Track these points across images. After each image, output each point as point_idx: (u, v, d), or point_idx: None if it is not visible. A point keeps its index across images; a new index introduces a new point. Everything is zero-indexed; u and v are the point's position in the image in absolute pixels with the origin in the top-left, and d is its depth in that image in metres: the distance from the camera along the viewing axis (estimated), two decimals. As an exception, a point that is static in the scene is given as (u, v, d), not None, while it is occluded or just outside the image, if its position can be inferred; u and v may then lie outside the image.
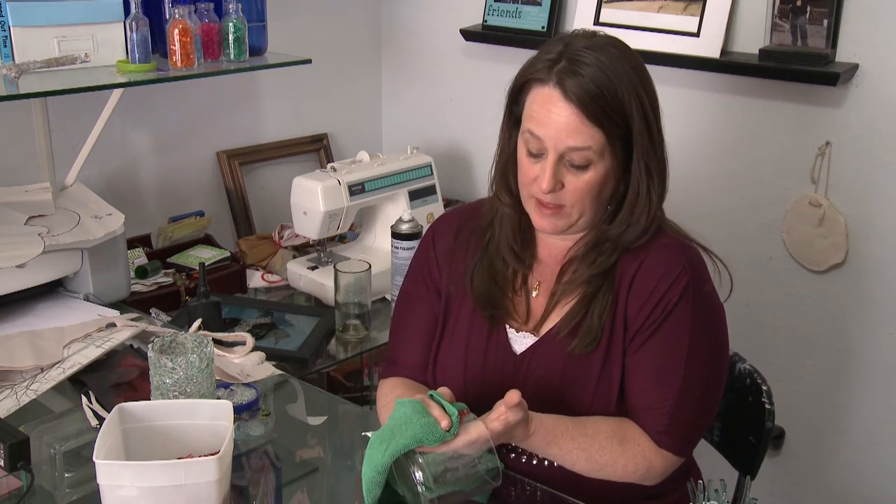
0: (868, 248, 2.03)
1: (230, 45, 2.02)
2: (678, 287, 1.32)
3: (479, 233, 1.46)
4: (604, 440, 1.31)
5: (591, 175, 1.30)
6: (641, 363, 1.34)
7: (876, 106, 1.96)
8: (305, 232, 2.23)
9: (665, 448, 1.33)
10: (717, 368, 1.39)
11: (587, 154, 1.28)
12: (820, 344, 2.16)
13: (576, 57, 1.27)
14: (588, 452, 1.30)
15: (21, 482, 1.30)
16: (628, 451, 1.32)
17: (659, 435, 1.33)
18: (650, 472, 1.33)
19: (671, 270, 1.33)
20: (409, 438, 1.18)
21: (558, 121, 1.27)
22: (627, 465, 1.32)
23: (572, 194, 1.31)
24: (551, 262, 1.42)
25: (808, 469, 2.25)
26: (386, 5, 2.81)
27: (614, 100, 1.26)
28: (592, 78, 1.25)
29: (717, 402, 1.39)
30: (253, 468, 1.41)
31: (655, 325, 1.33)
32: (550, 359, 1.37)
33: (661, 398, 1.33)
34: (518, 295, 1.43)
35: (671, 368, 1.33)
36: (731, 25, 2.11)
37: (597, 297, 1.35)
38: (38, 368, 1.57)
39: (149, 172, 2.42)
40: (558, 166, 1.29)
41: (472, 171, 2.74)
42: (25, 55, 1.82)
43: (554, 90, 1.27)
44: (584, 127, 1.26)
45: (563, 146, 1.27)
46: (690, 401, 1.33)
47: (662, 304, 1.33)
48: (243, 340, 1.71)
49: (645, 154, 1.30)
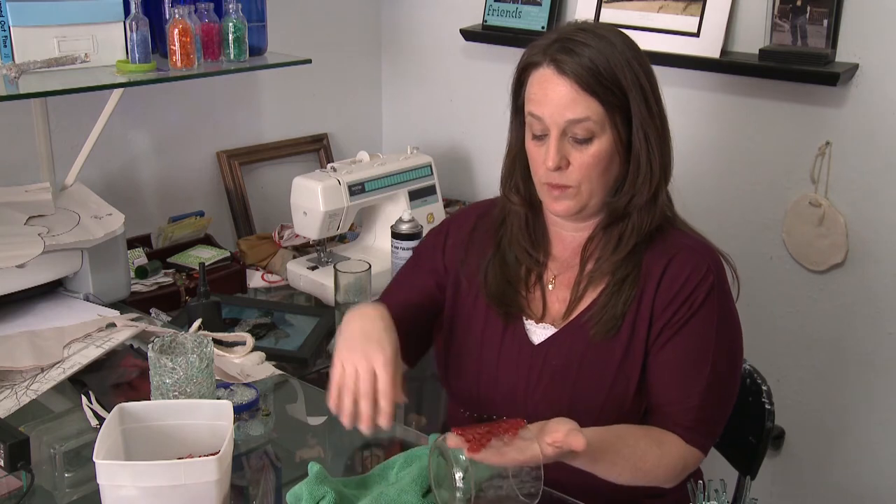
0: (868, 248, 2.03)
1: (230, 45, 2.02)
2: (705, 286, 1.35)
3: (493, 230, 1.48)
4: (644, 447, 1.31)
5: (595, 148, 1.31)
6: (667, 359, 1.35)
7: (876, 106, 1.96)
8: (305, 232, 2.23)
9: (693, 445, 1.34)
10: (736, 368, 1.41)
11: (588, 125, 1.29)
12: (820, 344, 2.16)
13: (568, 37, 1.31)
14: (632, 462, 1.29)
15: (21, 482, 1.30)
16: (666, 452, 1.32)
17: (686, 431, 1.34)
18: (685, 471, 1.34)
19: (698, 270, 1.36)
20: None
21: (555, 97, 1.30)
22: (668, 467, 1.32)
23: (579, 171, 1.32)
24: (566, 256, 1.44)
25: (808, 469, 2.25)
26: (386, 5, 2.81)
27: (608, 71, 1.29)
28: (585, 53, 1.29)
29: (734, 400, 1.41)
30: (253, 468, 1.41)
31: (682, 322, 1.35)
32: (570, 348, 1.38)
33: (688, 394, 1.34)
34: (532, 292, 1.44)
35: (697, 365, 1.34)
36: (731, 25, 2.11)
37: (623, 287, 1.36)
38: (38, 368, 1.57)
39: (149, 172, 2.42)
40: (562, 142, 1.31)
41: (472, 171, 2.74)
42: (25, 55, 1.82)
43: (548, 68, 1.31)
44: (581, 98, 1.29)
45: (563, 120, 1.29)
46: (715, 397, 1.35)
47: (689, 301, 1.35)
48: (243, 340, 1.71)
49: (643, 123, 1.32)
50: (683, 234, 1.41)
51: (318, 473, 1.23)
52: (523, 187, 1.42)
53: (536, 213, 1.44)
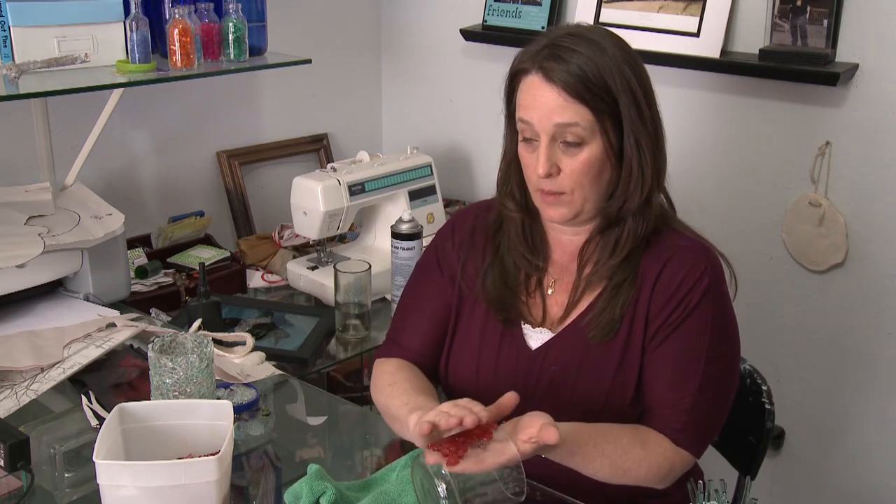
0: (868, 248, 2.03)
1: (230, 45, 2.02)
2: (700, 287, 1.35)
3: (491, 234, 1.47)
4: (626, 445, 1.31)
5: (585, 155, 1.31)
6: (661, 361, 1.35)
7: (876, 106, 1.96)
8: (305, 232, 2.23)
9: (683, 447, 1.34)
10: (732, 370, 1.41)
11: (576, 131, 1.29)
12: (820, 344, 2.16)
13: (557, 43, 1.31)
14: (611, 459, 1.29)
15: (21, 482, 1.30)
16: (650, 453, 1.32)
17: (677, 433, 1.33)
18: (671, 474, 1.34)
19: (694, 271, 1.35)
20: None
21: (544, 103, 1.30)
22: (651, 467, 1.31)
23: (570, 177, 1.32)
24: (565, 260, 1.44)
25: (808, 469, 2.25)
26: (386, 5, 2.81)
27: (597, 77, 1.28)
28: (574, 60, 1.28)
29: (730, 403, 1.40)
30: (253, 468, 1.41)
31: (676, 323, 1.35)
32: (568, 352, 1.38)
33: (680, 396, 1.33)
34: (532, 297, 1.44)
35: (690, 367, 1.34)
36: (731, 25, 2.11)
37: (620, 290, 1.36)
38: (38, 368, 1.57)
39: (149, 172, 2.42)
40: (552, 149, 1.31)
41: (472, 171, 2.74)
42: (25, 55, 1.82)
43: (537, 75, 1.31)
44: (569, 104, 1.28)
45: (551, 125, 1.29)
46: (708, 400, 1.34)
47: (684, 303, 1.34)
48: (243, 340, 1.71)
49: (634, 129, 1.31)
50: (680, 235, 1.40)
51: (318, 472, 1.23)
52: (519, 193, 1.42)
53: (534, 218, 1.44)
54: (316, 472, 1.23)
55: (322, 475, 1.23)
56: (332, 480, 1.24)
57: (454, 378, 1.47)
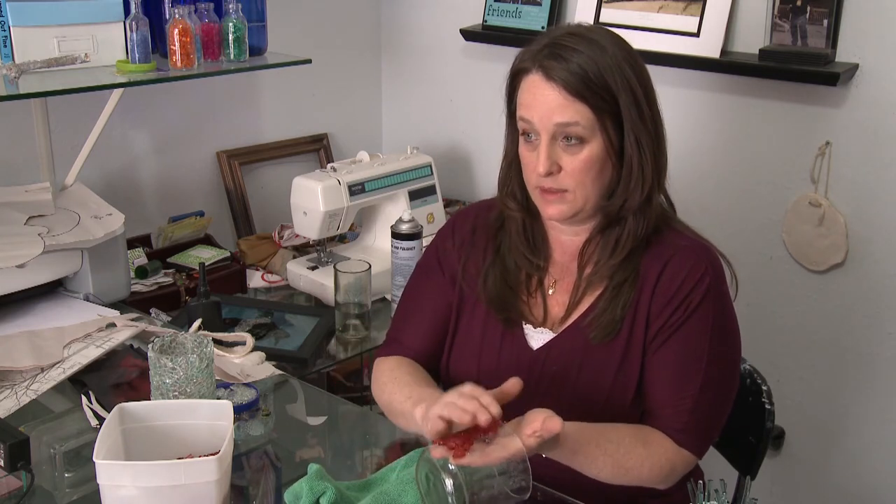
0: (868, 248, 2.03)
1: (230, 45, 2.02)
2: (701, 288, 1.35)
3: (492, 234, 1.47)
4: (629, 444, 1.31)
5: (586, 153, 1.31)
6: (662, 361, 1.35)
7: (876, 106, 1.96)
8: (305, 232, 2.23)
9: (685, 447, 1.34)
10: (733, 370, 1.41)
11: (576, 130, 1.29)
12: (820, 344, 2.16)
13: (558, 42, 1.31)
14: (614, 458, 1.29)
15: (21, 482, 1.30)
16: (653, 453, 1.32)
17: (679, 433, 1.34)
18: (673, 474, 1.34)
19: (694, 271, 1.35)
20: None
21: (544, 101, 1.30)
22: (653, 467, 1.31)
23: (571, 175, 1.32)
24: (566, 260, 1.44)
25: (808, 469, 2.25)
26: (386, 5, 2.81)
27: (597, 76, 1.28)
28: (574, 59, 1.28)
29: (731, 403, 1.40)
30: (253, 468, 1.41)
31: (678, 324, 1.35)
32: (569, 352, 1.38)
33: (682, 396, 1.34)
34: (533, 297, 1.44)
35: (692, 367, 1.34)
36: (731, 25, 2.11)
37: (621, 290, 1.37)
38: (38, 368, 1.57)
39: (149, 172, 2.42)
40: (552, 147, 1.31)
41: (472, 171, 2.74)
42: (25, 55, 1.82)
43: (536, 74, 1.31)
44: (569, 103, 1.29)
45: (552, 124, 1.30)
46: (709, 400, 1.35)
47: (686, 304, 1.35)
48: (243, 340, 1.71)
49: (634, 128, 1.31)
50: (681, 235, 1.40)
51: (318, 472, 1.23)
52: (520, 193, 1.42)
53: (534, 218, 1.44)
54: (316, 472, 1.23)
55: (322, 475, 1.23)
56: (333, 480, 1.24)
57: (455, 378, 1.47)
